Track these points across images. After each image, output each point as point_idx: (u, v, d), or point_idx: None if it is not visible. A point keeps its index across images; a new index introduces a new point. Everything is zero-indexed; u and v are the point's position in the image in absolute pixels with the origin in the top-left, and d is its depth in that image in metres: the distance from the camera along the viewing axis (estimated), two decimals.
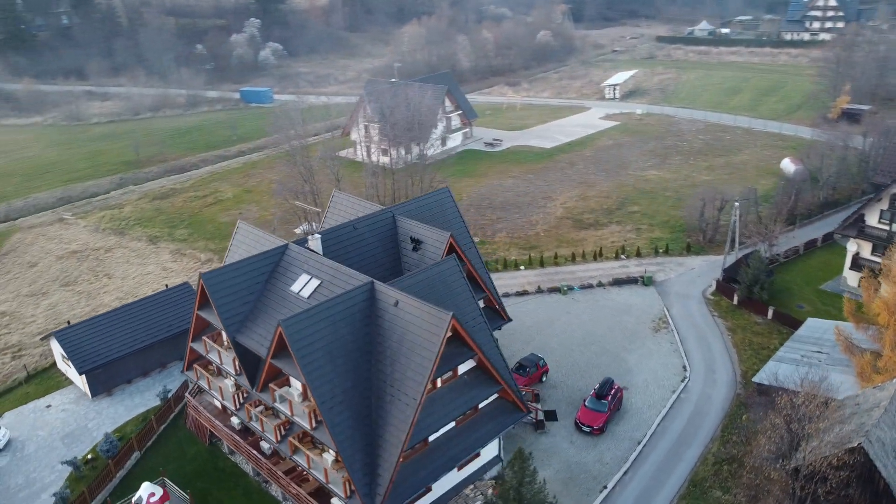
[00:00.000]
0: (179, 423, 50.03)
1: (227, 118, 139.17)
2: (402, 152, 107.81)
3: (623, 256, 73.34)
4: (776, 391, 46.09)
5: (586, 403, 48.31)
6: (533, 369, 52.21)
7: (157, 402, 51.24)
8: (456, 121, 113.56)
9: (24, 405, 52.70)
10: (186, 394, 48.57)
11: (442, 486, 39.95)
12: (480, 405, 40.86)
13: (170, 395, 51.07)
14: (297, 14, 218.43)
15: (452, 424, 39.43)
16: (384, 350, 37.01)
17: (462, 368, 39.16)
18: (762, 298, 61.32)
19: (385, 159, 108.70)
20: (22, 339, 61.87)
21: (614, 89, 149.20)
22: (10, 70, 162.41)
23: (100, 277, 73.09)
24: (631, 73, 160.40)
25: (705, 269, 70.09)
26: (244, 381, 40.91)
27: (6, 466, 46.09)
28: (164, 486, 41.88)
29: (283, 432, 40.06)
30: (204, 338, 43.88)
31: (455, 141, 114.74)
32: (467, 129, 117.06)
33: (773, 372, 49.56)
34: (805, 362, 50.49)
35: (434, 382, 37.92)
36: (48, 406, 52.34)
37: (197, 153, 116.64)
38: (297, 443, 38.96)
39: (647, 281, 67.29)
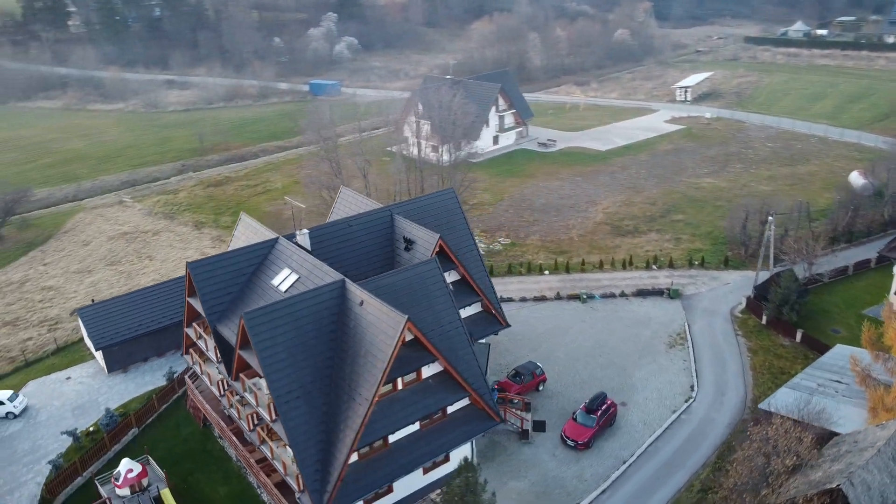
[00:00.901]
0: (181, 404, 52.04)
1: (292, 110, 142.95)
2: (451, 149, 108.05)
3: (654, 267, 70.64)
4: (781, 420, 43.51)
5: (574, 417, 46.93)
6: (528, 377, 51.15)
7: (165, 382, 53.51)
8: (509, 119, 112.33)
9: (47, 375, 56.17)
10: (186, 376, 50.43)
11: (406, 487, 39.81)
12: (450, 410, 40.41)
13: (175, 376, 53.17)
14: (375, 9, 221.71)
15: (417, 427, 39.19)
16: (347, 349, 37.18)
17: (428, 372, 38.80)
18: (791, 320, 57.66)
19: (434, 156, 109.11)
20: (60, 313, 65.89)
21: (685, 92, 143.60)
22: (101, 58, 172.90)
23: (142, 259, 76.87)
24: (706, 75, 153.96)
25: (740, 285, 66.48)
26: (223, 369, 42.08)
27: (18, 432, 49.33)
28: (147, 463, 43.66)
29: (254, 422, 40.98)
30: (194, 324, 45.43)
31: (508, 140, 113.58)
32: (521, 129, 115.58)
33: (782, 399, 46.61)
34: (820, 391, 47.28)
35: (395, 383, 37.77)
36: (68, 378, 55.61)
37: (258, 143, 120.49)
38: (264, 434, 39.77)
39: (672, 293, 64.56)
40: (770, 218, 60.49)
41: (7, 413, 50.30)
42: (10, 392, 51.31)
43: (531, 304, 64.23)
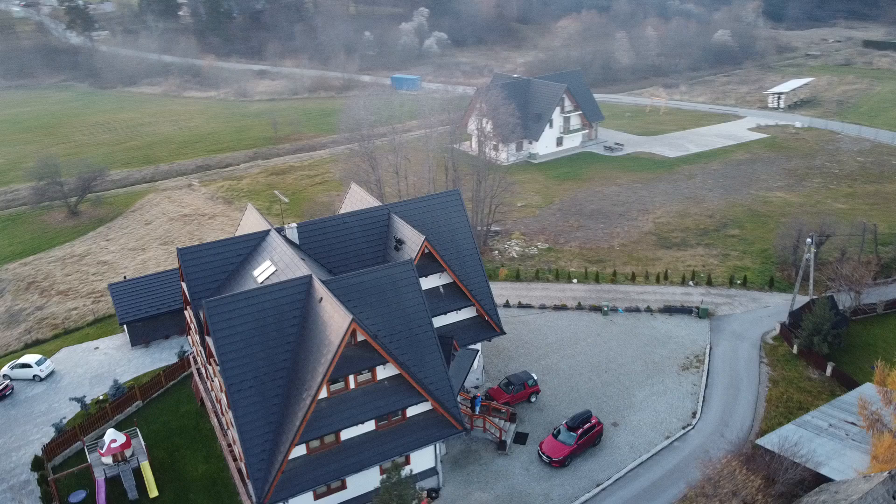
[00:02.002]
0: (188, 382, 54.52)
1: (370, 103, 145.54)
2: (513, 148, 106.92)
3: (691, 283, 67.03)
4: (778, 460, 40.50)
5: (555, 433, 45.41)
6: (519, 388, 49.92)
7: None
8: (575, 121, 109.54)
9: (79, 344, 60.39)
10: (189, 356, 52.78)
11: (360, 485, 39.92)
12: (411, 413, 40.15)
13: (185, 354, 55.75)
14: (469, 4, 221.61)
15: (372, 427, 39.22)
16: (304, 344, 37.72)
17: (383, 373, 38.69)
18: (821, 351, 53.18)
19: (494, 154, 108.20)
20: (106, 286, 70.54)
21: (778, 98, 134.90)
22: (202, 48, 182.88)
23: (193, 240, 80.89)
24: (805, 81, 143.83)
25: (781, 309, 61.87)
26: (204, 351, 43.78)
27: (39, 394, 53.37)
28: (134, 436, 46.07)
29: (223, 407, 42.36)
30: (188, 308, 47.43)
31: (573, 142, 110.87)
32: (588, 131, 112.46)
33: (784, 436, 43.21)
34: (829, 433, 43.47)
35: (347, 382, 37.92)
36: (96, 348, 59.54)
37: (329, 135, 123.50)
38: (230, 419, 41.03)
39: (702, 313, 61.05)
40: (808, 240, 55.91)
41: (34, 376, 54.53)
42: (38, 356, 55.58)
43: (549, 313, 62.61)
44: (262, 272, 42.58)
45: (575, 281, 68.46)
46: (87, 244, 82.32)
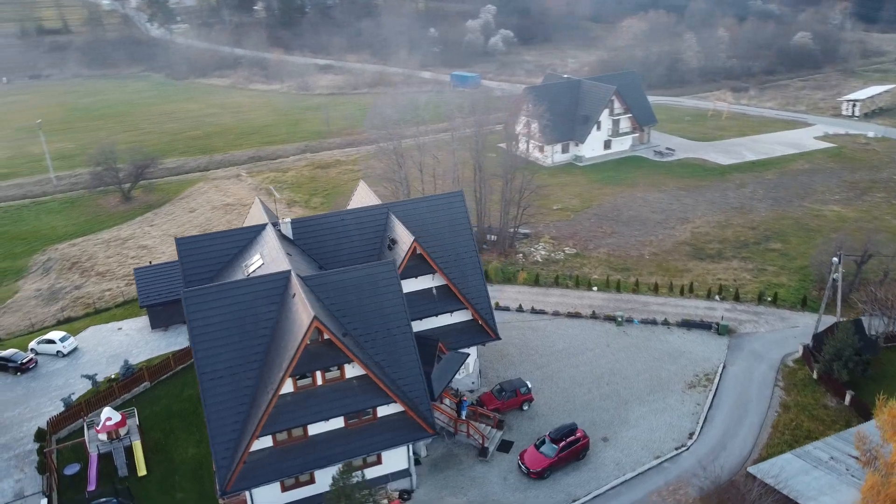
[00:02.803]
0: None
1: (428, 100, 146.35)
2: (558, 150, 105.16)
3: (717, 297, 64.21)
4: (769, 491, 38.53)
5: (536, 444, 44.49)
6: (511, 395, 49.12)
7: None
8: (625, 124, 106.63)
9: (106, 324, 63.40)
10: None
11: (329, 481, 40.19)
12: (383, 413, 40.17)
13: None
14: (539, 2, 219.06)
15: (342, 424, 39.49)
16: (275, 338, 38.34)
17: (352, 372, 38.81)
18: (841, 378, 49.95)
19: (539, 155, 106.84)
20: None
21: (853, 106, 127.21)
22: (272, 41, 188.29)
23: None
24: (885, 88, 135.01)
25: (810, 330, 58.48)
26: None
27: (59, 370, 56.36)
28: (132, 415, 48.04)
29: None
30: None
31: (622, 145, 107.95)
32: (638, 134, 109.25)
33: (779, 466, 41.02)
34: (828, 465, 40.90)
35: (314, 378, 38.27)
36: (119, 328, 62.36)
37: (378, 131, 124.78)
38: None
39: (721, 329, 58.40)
40: (834, 259, 52.54)
41: (57, 351, 57.65)
42: (63, 334, 58.73)
43: (561, 320, 61.32)
44: (251, 265, 43.52)
45: (595, 289, 66.77)
46: (132, 228, 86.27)
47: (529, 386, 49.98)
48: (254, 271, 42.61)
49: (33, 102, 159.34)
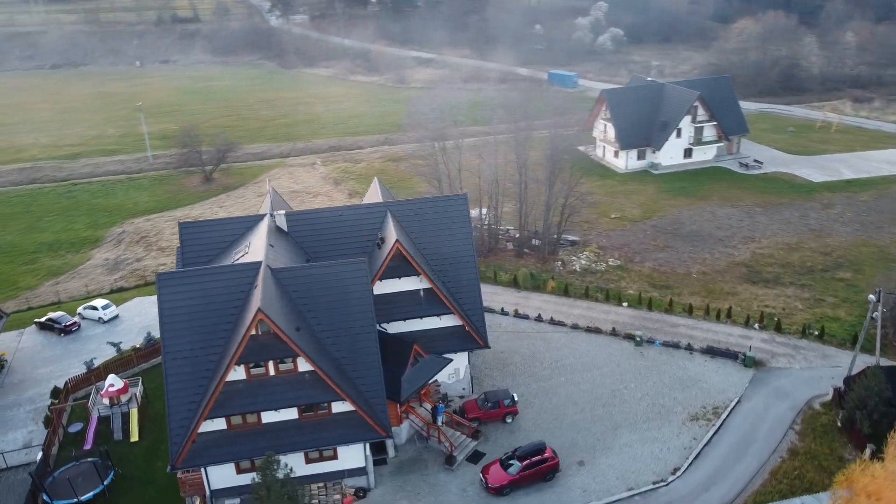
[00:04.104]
0: None
1: (518, 97, 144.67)
2: (633, 156, 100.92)
3: (756, 326, 59.41)
4: None
5: (501, 459, 43.27)
6: (494, 405, 48.01)
7: None
8: (709, 132, 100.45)
9: (150, 296, 67.71)
10: None
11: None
12: (336, 410, 40.59)
13: None
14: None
15: (295, 416, 40.29)
16: (237, 326, 39.66)
17: (306, 366, 39.37)
18: (863, 429, 44.84)
19: (613, 160, 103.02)
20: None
21: None
22: (379, 33, 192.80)
23: None
24: None
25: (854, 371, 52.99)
26: None
27: (98, 335, 61.16)
28: (136, 385, 51.36)
29: None
30: None
31: (705, 154, 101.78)
32: (726, 143, 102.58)
33: None
34: None
35: (266, 368, 39.24)
36: None
37: (461, 126, 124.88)
38: None
39: (748, 361, 54.03)
40: (871, 297, 47.08)
41: (98, 318, 62.62)
42: (105, 301, 63.73)
43: (578, 333, 59.09)
44: (240, 253, 45.21)
45: (625, 304, 63.72)
46: (203, 208, 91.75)
47: (515, 398, 48.64)
48: (238, 259, 44.24)
49: (157, 85, 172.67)
